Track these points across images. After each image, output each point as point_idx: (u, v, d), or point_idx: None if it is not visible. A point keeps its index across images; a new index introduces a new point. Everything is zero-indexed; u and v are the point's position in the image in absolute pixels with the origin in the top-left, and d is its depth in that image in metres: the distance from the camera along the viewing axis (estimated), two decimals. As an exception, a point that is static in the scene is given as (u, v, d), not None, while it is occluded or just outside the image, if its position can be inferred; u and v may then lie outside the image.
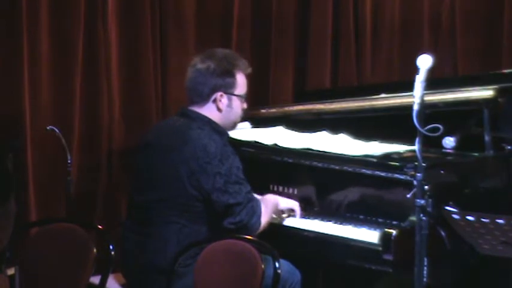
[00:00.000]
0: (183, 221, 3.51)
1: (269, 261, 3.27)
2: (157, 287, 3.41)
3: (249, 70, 3.70)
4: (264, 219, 3.57)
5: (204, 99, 3.63)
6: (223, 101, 3.63)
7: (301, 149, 3.92)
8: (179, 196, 3.50)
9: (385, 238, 3.35)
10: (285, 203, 3.75)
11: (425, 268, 2.92)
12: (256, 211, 3.53)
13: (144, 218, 3.58)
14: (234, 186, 3.49)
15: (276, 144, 4.04)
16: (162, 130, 3.73)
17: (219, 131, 3.62)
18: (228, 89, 3.63)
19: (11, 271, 3.58)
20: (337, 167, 3.70)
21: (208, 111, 3.63)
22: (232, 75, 3.63)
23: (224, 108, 3.64)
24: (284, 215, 3.75)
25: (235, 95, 3.65)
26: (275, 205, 3.70)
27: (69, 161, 4.11)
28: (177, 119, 3.70)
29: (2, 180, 1.75)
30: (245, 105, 3.72)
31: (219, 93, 3.62)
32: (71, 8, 4.40)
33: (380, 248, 3.36)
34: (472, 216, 2.81)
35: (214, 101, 3.62)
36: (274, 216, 3.71)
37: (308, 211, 3.77)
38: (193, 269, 3.34)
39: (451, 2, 5.24)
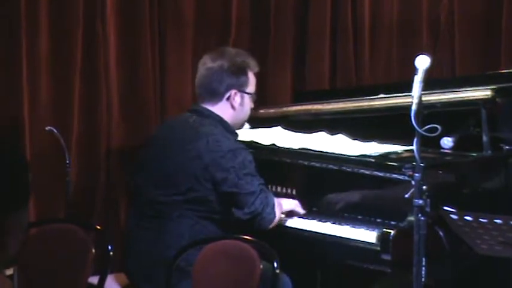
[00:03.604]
0: (196, 218, 3.53)
1: (268, 269, 3.27)
2: (167, 281, 3.39)
3: (257, 69, 3.74)
4: (278, 213, 3.59)
5: (218, 97, 3.65)
6: (237, 99, 3.65)
7: (299, 149, 3.92)
8: (194, 191, 3.51)
9: (383, 238, 3.36)
10: (288, 204, 3.75)
11: (423, 268, 2.92)
12: (269, 202, 3.55)
13: (156, 213, 3.58)
14: (247, 177, 3.51)
15: (274, 145, 4.04)
16: (175, 126, 3.74)
17: (230, 130, 3.65)
18: (242, 87, 3.66)
19: (9, 271, 3.58)
20: (335, 167, 3.71)
21: (221, 109, 3.65)
22: (245, 74, 3.67)
23: (237, 107, 3.66)
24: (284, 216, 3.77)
25: (247, 93, 3.67)
26: (280, 206, 3.69)
27: (68, 162, 4.11)
28: (190, 115, 3.71)
29: (18, 186, 1.75)
30: (253, 104, 3.75)
31: (233, 91, 3.64)
32: (70, 8, 4.40)
33: (378, 248, 3.37)
34: (470, 216, 2.82)
35: (228, 98, 3.64)
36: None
37: (306, 211, 3.77)
38: (192, 269, 3.34)
39: (449, 2, 5.24)
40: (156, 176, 3.62)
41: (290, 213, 3.75)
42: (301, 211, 3.75)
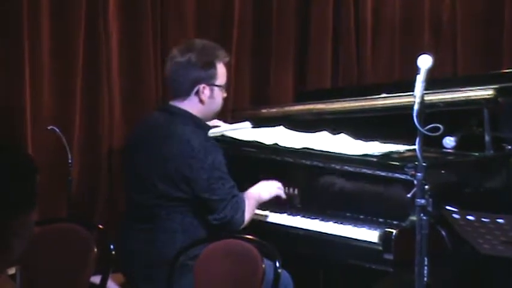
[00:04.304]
0: (185, 212, 3.55)
1: (270, 266, 3.28)
2: (167, 279, 3.40)
3: (227, 59, 3.71)
4: (248, 215, 3.59)
5: (186, 92, 3.63)
6: (206, 92, 3.63)
7: (302, 148, 3.92)
8: (171, 192, 3.53)
9: (385, 238, 3.36)
10: (268, 193, 3.74)
11: (425, 268, 2.92)
12: (240, 206, 3.55)
13: (147, 215, 3.59)
14: (217, 182, 3.51)
15: (276, 144, 4.04)
16: (147, 128, 3.74)
17: (202, 125, 3.64)
18: (210, 80, 3.63)
19: (11, 271, 3.58)
20: (337, 167, 3.71)
21: (190, 104, 3.63)
22: (214, 66, 3.64)
23: (207, 100, 3.64)
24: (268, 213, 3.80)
25: (217, 85, 3.65)
26: (258, 200, 3.70)
27: (69, 161, 4.11)
28: (159, 114, 3.72)
29: (25, 188, 1.76)
30: (225, 95, 3.73)
31: (201, 85, 3.62)
32: (71, 8, 4.40)
33: (380, 248, 3.37)
34: (472, 215, 2.81)
35: (197, 93, 3.63)
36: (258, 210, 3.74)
37: (308, 211, 3.77)
38: (194, 268, 3.34)
39: (451, 2, 5.24)
40: (136, 180, 3.64)
41: (274, 199, 3.77)
42: (282, 193, 3.77)
